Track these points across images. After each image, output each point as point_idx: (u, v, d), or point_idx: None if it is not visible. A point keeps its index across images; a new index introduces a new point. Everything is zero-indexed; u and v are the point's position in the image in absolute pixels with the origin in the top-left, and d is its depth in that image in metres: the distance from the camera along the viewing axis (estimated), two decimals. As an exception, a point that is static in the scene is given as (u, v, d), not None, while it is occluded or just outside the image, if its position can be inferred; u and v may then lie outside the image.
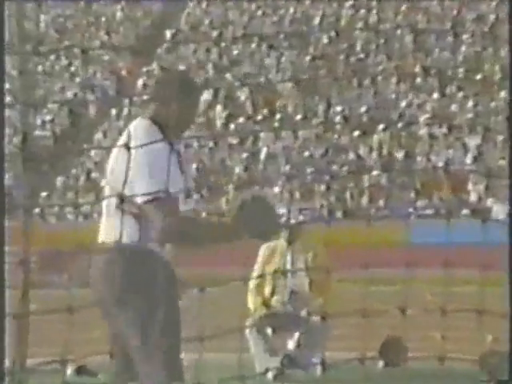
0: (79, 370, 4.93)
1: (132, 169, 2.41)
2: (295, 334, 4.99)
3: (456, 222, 12.29)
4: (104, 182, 2.60)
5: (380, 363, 5.08)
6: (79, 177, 16.70)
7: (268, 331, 4.97)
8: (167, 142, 2.46)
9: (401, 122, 16.39)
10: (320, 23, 19.71)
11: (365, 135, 16.32)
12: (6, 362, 1.99)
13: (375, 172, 15.34)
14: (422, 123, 16.22)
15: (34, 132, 17.10)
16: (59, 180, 16.65)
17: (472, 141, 15.68)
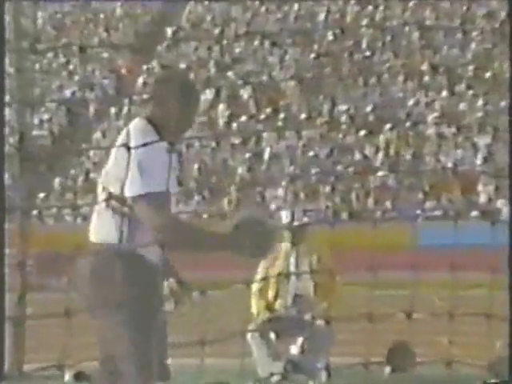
0: (77, 376, 4.93)
1: (123, 168, 2.44)
2: (299, 339, 4.99)
3: (465, 224, 12.28)
4: (99, 182, 2.64)
5: (387, 369, 5.08)
6: (78, 177, 16.72)
7: (271, 336, 4.97)
8: (164, 143, 2.49)
9: (408, 122, 16.37)
10: (325, 20, 19.72)
11: (371, 135, 16.32)
12: (3, 367, 2.00)
13: (382, 173, 15.33)
14: (430, 122, 16.21)
15: (31, 132, 17.14)
16: (57, 181, 16.67)
17: (482, 140, 15.66)
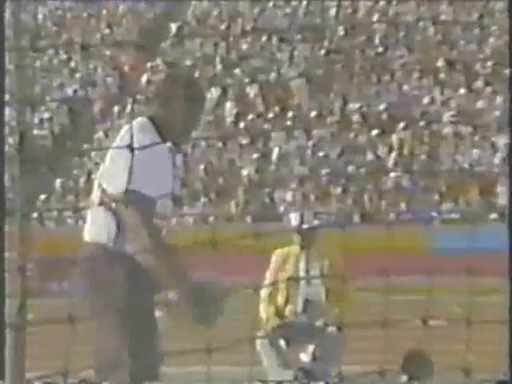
0: (80, 385, 4.95)
1: (119, 165, 2.48)
2: (310, 346, 4.99)
3: (483, 227, 12.24)
4: (95, 179, 2.69)
5: (403, 378, 5.07)
6: (79, 179, 16.78)
7: (281, 343, 4.97)
8: (166, 144, 2.51)
9: (423, 120, 16.35)
10: (335, 15, 19.72)
11: (384, 134, 16.30)
12: (4, 375, 2.01)
13: (395, 173, 15.31)
14: (447, 121, 16.18)
15: (32, 131, 17.21)
16: (58, 182, 16.73)
17: (500, 140, 15.60)
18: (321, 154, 16.08)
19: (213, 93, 17.65)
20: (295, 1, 20.21)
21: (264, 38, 19.38)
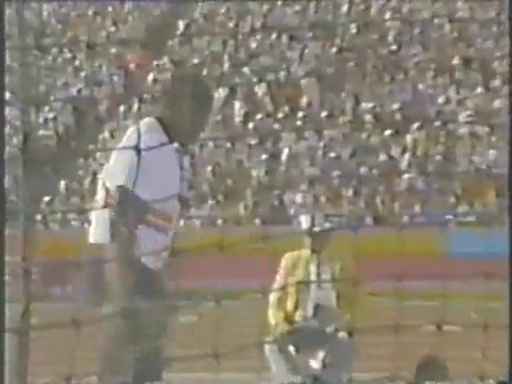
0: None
1: (123, 164, 2.50)
2: (320, 352, 4.98)
3: (500, 231, 12.15)
4: (99, 178, 2.72)
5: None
6: (84, 180, 16.83)
7: (291, 349, 4.97)
8: (173, 146, 2.52)
9: (438, 120, 16.31)
10: (347, 12, 19.71)
11: (398, 134, 16.27)
12: (4, 380, 2.02)
13: (409, 175, 15.27)
14: (463, 121, 16.13)
15: (36, 132, 17.28)
16: (62, 183, 16.79)
17: (518, 140, 15.54)
18: (332, 155, 16.07)
19: (221, 92, 17.67)
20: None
21: (274, 36, 19.39)
